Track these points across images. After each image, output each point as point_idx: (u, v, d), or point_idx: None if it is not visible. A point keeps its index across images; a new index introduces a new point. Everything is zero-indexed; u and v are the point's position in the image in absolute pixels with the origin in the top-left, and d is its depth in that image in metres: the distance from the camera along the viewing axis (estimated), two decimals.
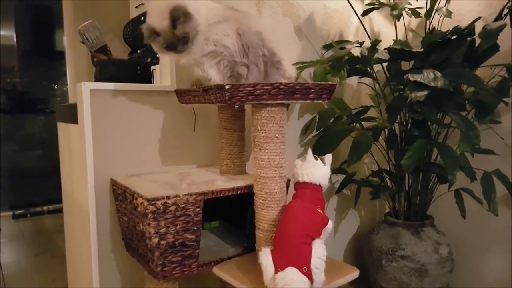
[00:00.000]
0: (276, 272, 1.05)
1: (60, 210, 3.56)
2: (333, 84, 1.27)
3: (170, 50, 1.15)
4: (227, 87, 1.12)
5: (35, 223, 3.42)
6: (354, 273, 1.21)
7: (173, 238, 1.18)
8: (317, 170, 1.23)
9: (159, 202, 1.13)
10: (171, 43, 1.14)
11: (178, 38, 1.13)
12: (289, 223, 1.13)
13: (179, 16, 1.11)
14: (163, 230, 1.15)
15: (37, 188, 3.83)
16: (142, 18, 1.80)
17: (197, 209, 1.21)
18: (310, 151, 1.28)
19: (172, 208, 1.16)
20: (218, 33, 1.18)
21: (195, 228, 1.21)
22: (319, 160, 1.25)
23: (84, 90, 1.35)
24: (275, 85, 1.16)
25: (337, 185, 2.02)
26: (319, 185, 1.22)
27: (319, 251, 1.08)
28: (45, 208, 3.68)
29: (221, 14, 1.22)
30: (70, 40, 2.70)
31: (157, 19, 1.12)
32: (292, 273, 1.03)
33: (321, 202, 1.21)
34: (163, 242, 1.16)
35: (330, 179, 1.96)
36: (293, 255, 1.07)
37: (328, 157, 1.28)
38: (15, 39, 3.88)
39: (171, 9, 1.10)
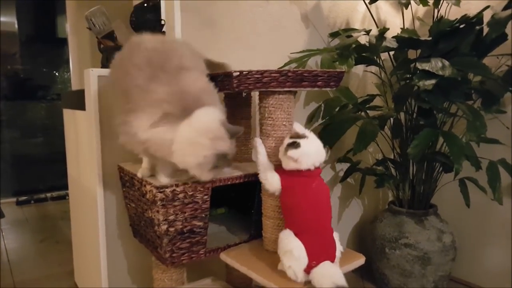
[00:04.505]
0: (311, 265, 1.01)
1: (63, 197, 3.61)
2: (341, 71, 1.26)
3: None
4: (235, 74, 1.12)
5: (39, 210, 3.44)
6: (360, 260, 1.22)
7: (182, 225, 1.18)
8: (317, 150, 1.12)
9: (168, 190, 1.13)
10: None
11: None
12: (325, 211, 1.09)
13: (237, 131, 1.12)
14: (171, 217, 1.16)
15: (40, 175, 3.84)
16: (145, 5, 1.79)
17: (205, 197, 1.21)
18: (297, 124, 1.19)
19: (181, 195, 1.16)
20: None
21: (203, 215, 1.22)
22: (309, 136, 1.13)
23: (92, 76, 1.35)
24: (283, 72, 1.16)
25: (341, 174, 2.03)
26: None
27: (338, 242, 1.09)
28: (48, 194, 3.70)
29: None
30: (73, 27, 2.68)
31: (221, 143, 1.08)
32: (332, 268, 1.02)
33: None
34: (171, 229, 1.17)
35: (334, 167, 1.95)
36: (329, 247, 1.05)
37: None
38: (16, 26, 3.85)
39: (229, 129, 1.10)
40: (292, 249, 1.03)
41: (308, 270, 1.02)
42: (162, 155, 1.10)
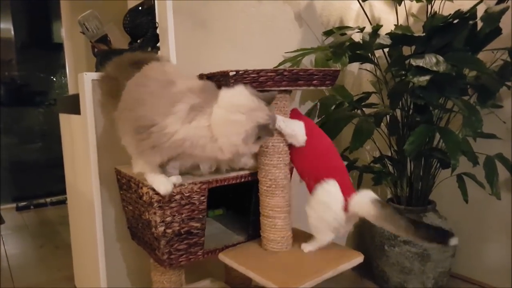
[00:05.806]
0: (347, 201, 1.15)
1: (62, 202, 3.60)
2: (336, 70, 1.27)
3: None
4: (231, 73, 1.12)
5: (39, 215, 3.44)
6: (359, 258, 1.22)
7: (179, 226, 1.19)
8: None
9: None
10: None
11: None
12: (336, 151, 1.26)
13: (271, 96, 1.12)
14: (168, 219, 1.16)
15: (39, 181, 3.84)
16: (140, 8, 1.79)
17: (202, 198, 1.21)
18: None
19: (177, 197, 1.16)
20: None
21: (200, 216, 1.22)
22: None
23: (86, 80, 1.35)
24: (279, 71, 1.16)
25: None
26: None
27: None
28: (48, 200, 3.70)
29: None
30: (68, 32, 2.68)
31: (258, 114, 1.07)
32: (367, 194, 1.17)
33: None
34: (169, 231, 1.17)
35: None
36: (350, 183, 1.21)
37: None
38: (12, 32, 3.85)
39: (262, 97, 1.09)
40: (331, 192, 1.17)
41: (346, 207, 1.16)
42: (204, 148, 1.09)
